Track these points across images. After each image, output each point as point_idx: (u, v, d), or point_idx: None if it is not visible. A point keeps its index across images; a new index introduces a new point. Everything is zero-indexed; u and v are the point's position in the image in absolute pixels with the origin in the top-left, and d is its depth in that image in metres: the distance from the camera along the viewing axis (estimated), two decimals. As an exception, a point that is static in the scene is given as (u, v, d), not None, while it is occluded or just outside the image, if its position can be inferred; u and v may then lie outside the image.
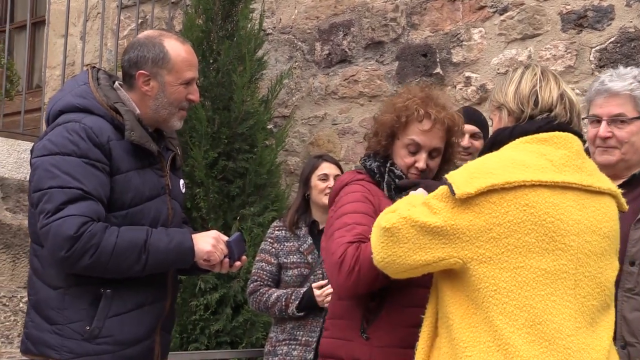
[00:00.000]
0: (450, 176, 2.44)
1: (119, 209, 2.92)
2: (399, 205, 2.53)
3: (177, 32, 4.40)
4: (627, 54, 5.17)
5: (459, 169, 2.50)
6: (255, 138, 5.75)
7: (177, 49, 3.04)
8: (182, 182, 3.25)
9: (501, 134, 2.58)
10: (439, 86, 5.78)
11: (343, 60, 6.37)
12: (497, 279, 2.32)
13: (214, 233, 3.05)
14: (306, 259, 4.44)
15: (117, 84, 3.10)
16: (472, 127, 4.27)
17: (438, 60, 5.89)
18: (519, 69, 2.66)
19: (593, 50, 5.30)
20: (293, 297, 4.31)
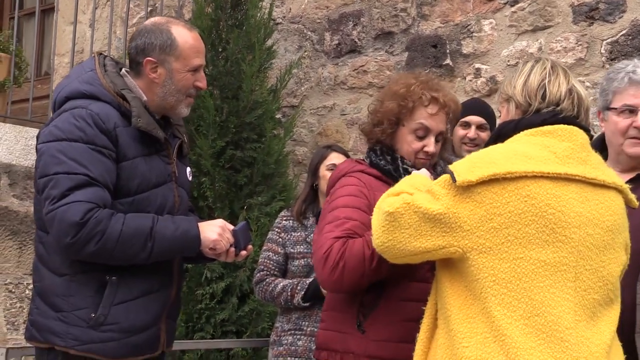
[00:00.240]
0: (453, 165, 2.44)
1: (125, 196, 2.91)
2: (402, 187, 2.52)
3: (184, 19, 4.38)
4: (639, 47, 5.12)
5: (462, 159, 2.50)
6: (263, 127, 5.72)
7: (185, 36, 3.03)
8: (189, 170, 3.24)
9: (506, 127, 2.58)
10: (449, 77, 5.77)
11: (352, 50, 6.33)
12: (496, 270, 2.31)
13: (220, 222, 3.04)
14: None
15: (124, 71, 3.09)
16: (479, 119, 4.26)
17: (448, 51, 5.85)
18: (529, 62, 2.65)
19: (604, 42, 5.25)
20: (299, 288, 4.30)
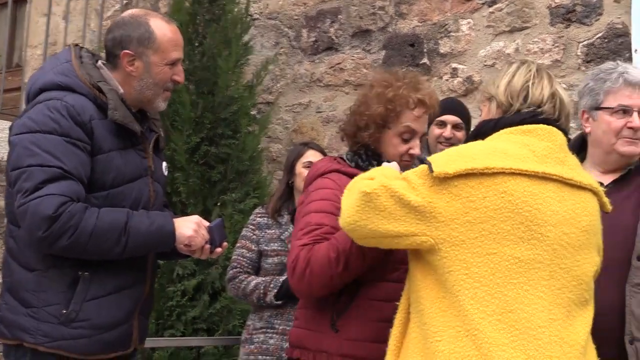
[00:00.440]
0: (431, 157, 2.43)
1: (100, 190, 2.86)
2: (375, 174, 2.50)
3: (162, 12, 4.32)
4: (614, 50, 5.15)
5: (441, 153, 2.50)
6: (238, 123, 5.69)
7: (163, 29, 2.99)
8: (165, 165, 3.20)
9: (486, 125, 2.58)
10: (426, 76, 5.74)
11: (329, 47, 6.31)
12: (469, 263, 2.30)
13: (196, 218, 3.00)
14: (287, 247, 4.35)
15: (101, 63, 3.04)
16: (455, 118, 4.26)
17: (425, 50, 5.84)
18: (515, 64, 2.65)
19: (580, 45, 5.27)
20: (272, 285, 4.26)
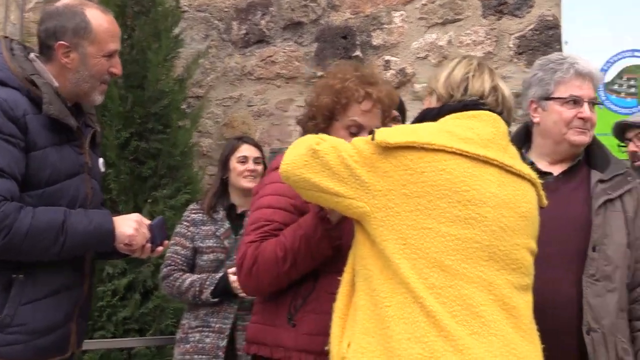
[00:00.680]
0: (378, 129, 2.45)
1: (35, 188, 2.74)
2: (326, 137, 2.54)
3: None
4: (545, 42, 5.21)
5: (390, 127, 2.53)
6: (169, 118, 5.60)
7: (99, 19, 2.89)
8: (102, 161, 3.10)
9: (429, 113, 2.58)
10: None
11: (261, 40, 6.23)
12: (406, 234, 2.31)
13: (136, 216, 2.91)
14: (222, 244, 4.32)
15: (33, 56, 2.91)
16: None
17: (358, 42, 5.81)
18: (457, 59, 2.67)
19: (512, 37, 5.31)
20: (208, 283, 4.19)
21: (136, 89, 5.53)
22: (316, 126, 2.96)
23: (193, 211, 4.45)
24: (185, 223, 4.41)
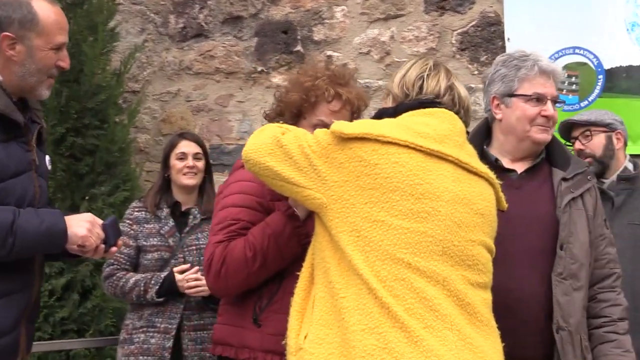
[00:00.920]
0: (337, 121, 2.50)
1: (-20, 187, 2.62)
2: (290, 128, 2.58)
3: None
4: (487, 38, 5.25)
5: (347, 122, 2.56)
6: (106, 113, 5.49)
7: (47, 11, 2.78)
8: (48, 159, 2.98)
9: (386, 112, 2.59)
10: (299, 64, 5.67)
11: (199, 34, 6.13)
12: (359, 227, 2.32)
13: (89, 216, 2.79)
14: (167, 242, 4.24)
15: None
16: None
17: (299, 37, 5.76)
18: (413, 60, 2.70)
19: (455, 33, 5.33)
20: (153, 282, 4.11)
21: (72, 83, 5.39)
22: (284, 123, 2.91)
23: (136, 209, 4.35)
24: (127, 221, 4.30)
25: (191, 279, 4.05)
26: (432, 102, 2.53)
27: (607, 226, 3.08)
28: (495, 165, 2.93)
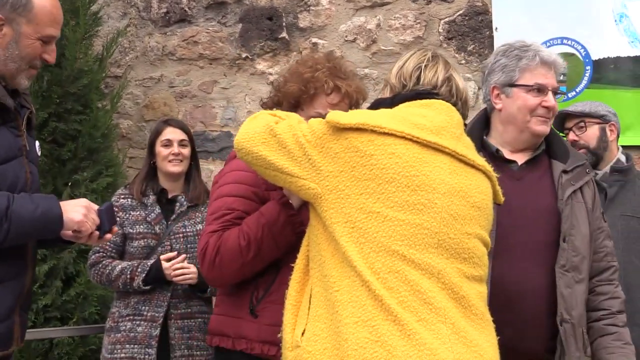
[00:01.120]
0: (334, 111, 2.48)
1: (-29, 173, 2.56)
2: (284, 116, 2.55)
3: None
4: (475, 28, 5.23)
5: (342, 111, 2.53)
6: (88, 98, 5.43)
7: (44, 0, 2.70)
8: (38, 144, 2.92)
9: (383, 102, 2.57)
10: (285, 51, 5.63)
11: (182, 19, 6.05)
12: (354, 218, 2.30)
13: (84, 201, 2.75)
14: (153, 229, 4.20)
15: None
16: None
17: (284, 24, 5.70)
18: (412, 50, 2.69)
19: (442, 22, 5.31)
20: (139, 270, 4.07)
21: (53, 68, 5.27)
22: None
23: (122, 196, 4.30)
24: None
25: (178, 267, 4.02)
26: (429, 93, 2.52)
27: (605, 219, 3.09)
28: (495, 155, 2.92)
